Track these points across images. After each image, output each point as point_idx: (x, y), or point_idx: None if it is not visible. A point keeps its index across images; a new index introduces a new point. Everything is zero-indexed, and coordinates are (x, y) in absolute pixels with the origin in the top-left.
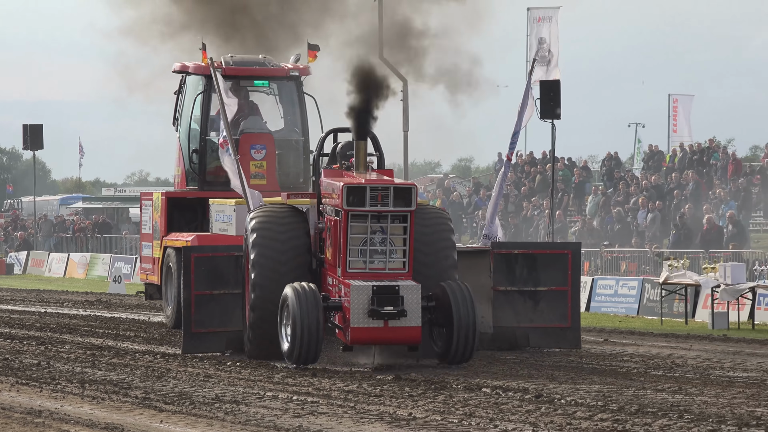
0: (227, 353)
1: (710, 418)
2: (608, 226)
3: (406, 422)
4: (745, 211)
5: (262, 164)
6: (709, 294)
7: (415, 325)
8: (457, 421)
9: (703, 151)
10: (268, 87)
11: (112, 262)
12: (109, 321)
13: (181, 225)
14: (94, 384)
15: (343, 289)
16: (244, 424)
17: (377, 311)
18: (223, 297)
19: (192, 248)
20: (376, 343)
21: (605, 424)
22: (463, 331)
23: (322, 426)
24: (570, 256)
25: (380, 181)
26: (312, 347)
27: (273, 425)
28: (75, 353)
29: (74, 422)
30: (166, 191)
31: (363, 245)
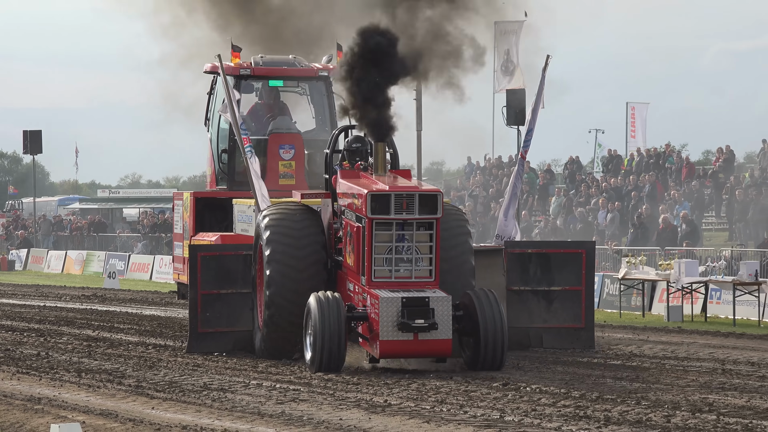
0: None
1: (666, 405)
2: (570, 226)
3: (381, 408)
4: (698, 211)
5: (291, 164)
6: (665, 289)
7: (446, 337)
8: (429, 408)
9: (659, 155)
10: (298, 87)
11: (107, 259)
12: (104, 314)
13: (212, 225)
14: (89, 373)
15: (370, 300)
16: (230, 410)
17: (407, 324)
18: (231, 296)
19: (198, 247)
20: (406, 357)
21: (567, 410)
22: (491, 341)
23: (303, 412)
24: (584, 256)
25: (405, 188)
26: (334, 357)
27: (257, 411)
28: (72, 344)
29: (71, 409)
30: (195, 191)
31: (388, 253)
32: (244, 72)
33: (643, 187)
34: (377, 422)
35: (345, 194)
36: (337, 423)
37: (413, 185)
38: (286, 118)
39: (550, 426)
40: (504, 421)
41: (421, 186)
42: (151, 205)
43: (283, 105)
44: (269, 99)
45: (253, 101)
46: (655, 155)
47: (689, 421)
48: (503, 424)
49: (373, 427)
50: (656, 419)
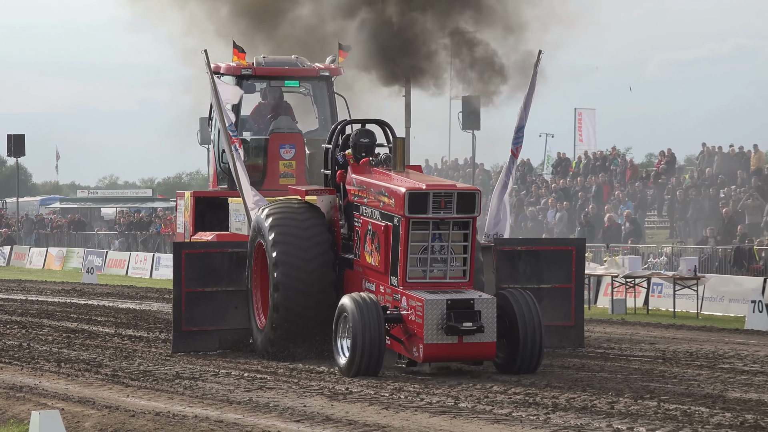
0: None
1: (610, 392)
2: (522, 224)
3: (343, 395)
4: (641, 210)
5: (291, 164)
6: (609, 283)
7: (491, 340)
8: (388, 395)
9: (605, 158)
10: (299, 87)
11: (86, 255)
12: (83, 307)
13: (213, 224)
14: (68, 363)
15: (407, 301)
16: (200, 398)
17: (455, 328)
18: (216, 294)
19: (182, 244)
20: (450, 360)
21: (518, 397)
22: (529, 343)
23: (270, 399)
24: (574, 253)
25: (443, 186)
26: (373, 362)
27: (226, 399)
28: (52, 336)
29: (51, 396)
30: (196, 191)
31: (422, 253)
32: (245, 72)
33: (590, 188)
34: (339, 409)
35: (364, 191)
36: (301, 409)
37: (450, 183)
38: (287, 118)
39: (501, 412)
40: (458, 407)
41: (457, 184)
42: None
43: (287, 105)
44: (272, 99)
45: (258, 101)
46: (601, 158)
47: (632, 408)
48: (457, 411)
49: (335, 414)
50: (601, 405)
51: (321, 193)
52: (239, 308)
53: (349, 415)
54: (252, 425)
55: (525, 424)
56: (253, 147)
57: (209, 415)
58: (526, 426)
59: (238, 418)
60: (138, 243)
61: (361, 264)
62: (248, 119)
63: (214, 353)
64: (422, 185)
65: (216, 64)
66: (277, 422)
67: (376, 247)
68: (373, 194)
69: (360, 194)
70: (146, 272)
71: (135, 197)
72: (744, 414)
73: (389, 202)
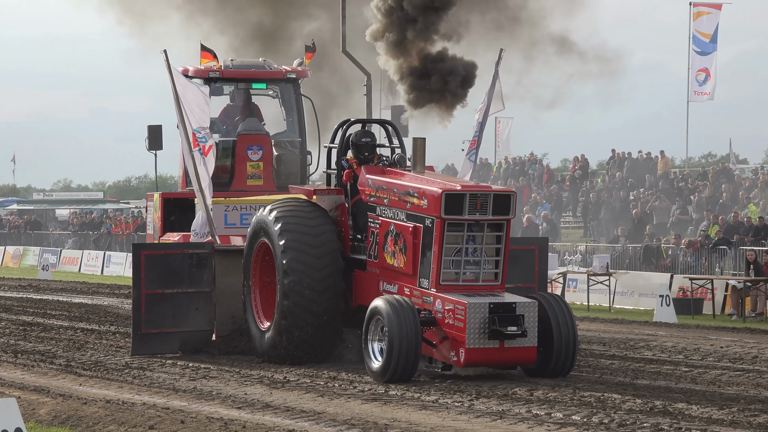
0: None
1: (529, 381)
2: None
3: (281, 384)
4: (557, 211)
5: (259, 165)
6: None
7: (532, 345)
8: (323, 384)
9: (523, 163)
10: (267, 89)
11: (41, 253)
12: (38, 302)
13: (183, 225)
14: (24, 354)
15: (444, 304)
16: (148, 386)
17: (499, 332)
18: (176, 296)
19: (141, 245)
20: (491, 365)
21: (444, 385)
22: (563, 348)
23: (213, 388)
24: (537, 252)
25: (479, 187)
26: (409, 366)
27: (172, 387)
28: (9, 328)
29: (8, 385)
30: (164, 192)
31: (455, 256)
32: (213, 74)
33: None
34: (277, 396)
35: (384, 191)
36: (242, 397)
37: (485, 185)
38: (254, 120)
39: (428, 399)
40: (388, 395)
41: (493, 186)
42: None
43: (255, 107)
44: (240, 101)
45: (226, 103)
46: (519, 163)
47: (549, 395)
48: (387, 398)
49: (274, 401)
50: (521, 393)
51: (329, 193)
52: (200, 310)
53: (287, 402)
54: (196, 412)
55: (451, 410)
56: (221, 149)
57: (156, 402)
58: (451, 412)
59: (184, 405)
60: (90, 242)
61: (379, 265)
62: (216, 121)
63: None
64: (457, 186)
65: (184, 66)
66: (220, 409)
67: (401, 248)
68: (396, 195)
69: (378, 195)
70: (98, 269)
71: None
72: (653, 400)
73: (420, 203)
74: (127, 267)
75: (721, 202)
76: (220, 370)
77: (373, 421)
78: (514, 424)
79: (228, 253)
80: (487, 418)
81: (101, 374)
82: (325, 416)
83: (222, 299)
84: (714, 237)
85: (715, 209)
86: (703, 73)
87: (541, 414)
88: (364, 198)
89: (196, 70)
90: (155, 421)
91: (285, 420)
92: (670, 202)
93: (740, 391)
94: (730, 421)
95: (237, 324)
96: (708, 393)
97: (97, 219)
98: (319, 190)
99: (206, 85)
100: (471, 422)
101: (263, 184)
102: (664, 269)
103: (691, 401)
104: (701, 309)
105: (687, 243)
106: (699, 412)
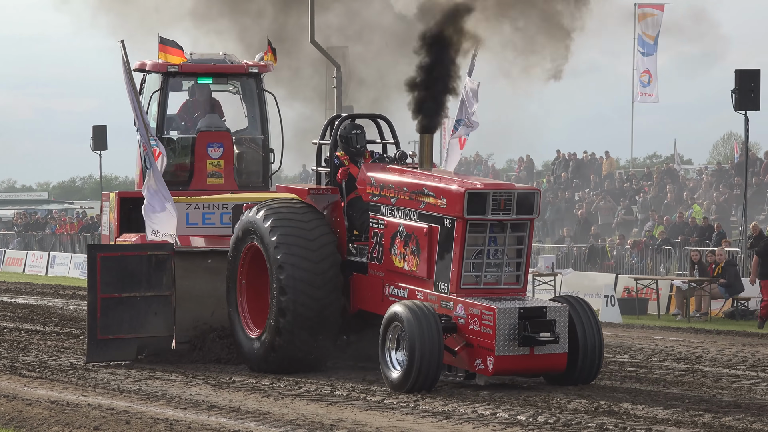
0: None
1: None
2: None
3: (227, 384)
4: None
5: (219, 163)
6: None
7: (563, 351)
8: (268, 384)
9: (469, 163)
10: (228, 84)
11: None
12: None
13: (140, 226)
14: None
15: (467, 309)
16: (93, 387)
17: (532, 338)
18: (134, 300)
19: (97, 246)
20: (520, 373)
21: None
22: (589, 354)
23: (158, 388)
24: None
25: (501, 185)
26: (431, 375)
27: (117, 388)
28: None
29: None
30: (121, 191)
31: (476, 258)
32: (171, 69)
33: None
34: (223, 397)
35: (389, 190)
36: (187, 398)
37: (508, 183)
38: (215, 116)
39: (374, 399)
40: (334, 395)
41: (516, 184)
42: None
43: (215, 102)
44: (200, 97)
45: (185, 99)
46: (465, 164)
47: (495, 394)
48: (333, 398)
49: (219, 401)
50: (466, 393)
51: (323, 192)
52: (159, 314)
53: (233, 402)
54: (141, 412)
55: (396, 410)
56: (181, 146)
57: (101, 403)
58: (397, 412)
59: (129, 406)
60: (34, 242)
61: (385, 268)
62: (175, 118)
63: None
64: (478, 184)
65: (142, 60)
66: (165, 410)
67: (413, 250)
68: (407, 194)
69: (383, 194)
70: (42, 270)
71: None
72: (598, 400)
73: (437, 202)
74: (72, 268)
75: (666, 202)
76: (165, 371)
77: (319, 422)
78: (460, 424)
79: (188, 254)
80: (432, 418)
81: (46, 375)
82: (270, 417)
83: (182, 303)
84: (658, 237)
85: (660, 210)
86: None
87: (486, 414)
88: (365, 197)
89: (154, 65)
90: (100, 421)
91: (230, 420)
92: (614, 202)
93: (685, 391)
94: (674, 420)
95: (198, 330)
96: (653, 393)
97: (42, 220)
98: (313, 189)
99: (165, 80)
100: (417, 422)
101: (224, 183)
102: (609, 269)
103: (636, 401)
104: (646, 309)
105: (632, 243)
106: (644, 411)
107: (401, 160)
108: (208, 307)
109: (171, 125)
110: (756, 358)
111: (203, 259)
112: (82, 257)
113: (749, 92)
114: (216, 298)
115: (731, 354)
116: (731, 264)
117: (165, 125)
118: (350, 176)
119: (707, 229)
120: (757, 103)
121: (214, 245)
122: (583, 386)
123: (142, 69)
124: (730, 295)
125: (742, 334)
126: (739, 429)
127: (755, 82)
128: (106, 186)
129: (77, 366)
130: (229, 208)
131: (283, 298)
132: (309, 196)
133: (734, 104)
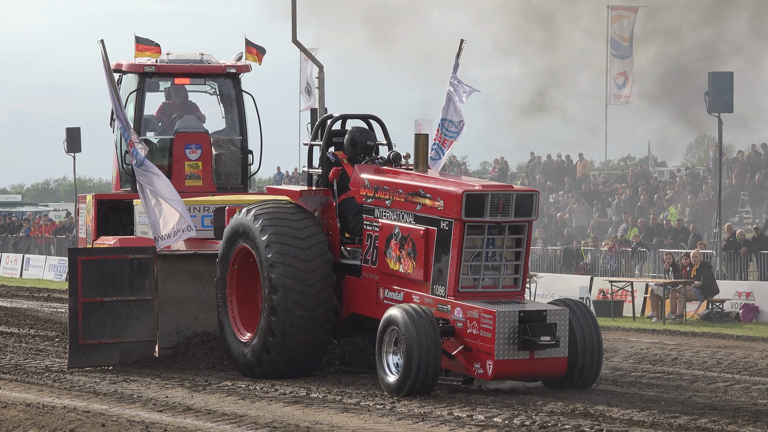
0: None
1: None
2: None
3: (203, 387)
4: None
5: (198, 164)
6: None
7: (563, 355)
8: (245, 386)
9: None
10: (205, 84)
11: None
12: None
13: (117, 229)
14: None
15: (466, 313)
16: (68, 390)
17: (532, 342)
18: (116, 304)
19: (78, 250)
20: (519, 378)
21: (365, 388)
22: (588, 358)
23: (134, 391)
24: None
25: (500, 187)
26: (428, 381)
27: (93, 390)
28: None
29: None
30: (98, 194)
31: (473, 261)
32: (148, 69)
33: None
34: (199, 399)
35: (384, 192)
36: (163, 400)
37: (506, 184)
38: (192, 117)
39: (350, 401)
40: (310, 397)
41: (514, 185)
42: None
43: (192, 104)
44: (177, 98)
45: (162, 100)
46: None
47: (471, 397)
48: (309, 400)
49: (195, 404)
50: (442, 395)
51: (315, 194)
52: (141, 319)
53: (209, 405)
54: (117, 415)
55: (372, 412)
56: (158, 148)
57: (77, 405)
58: (373, 414)
59: (104, 409)
60: (9, 245)
61: (379, 271)
62: (152, 119)
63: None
64: (476, 186)
65: (118, 61)
66: (141, 412)
67: (409, 253)
68: (402, 195)
69: (378, 196)
70: (17, 272)
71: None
72: (574, 402)
73: (434, 204)
74: (46, 270)
75: (640, 204)
76: (141, 374)
77: (295, 424)
78: (436, 427)
79: (171, 258)
80: (408, 420)
81: (21, 377)
82: (246, 419)
83: (165, 308)
84: (632, 240)
85: (634, 212)
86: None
87: (462, 416)
88: (359, 199)
89: (130, 65)
90: (76, 424)
91: (206, 423)
92: (588, 204)
93: (660, 393)
94: (650, 422)
95: (182, 335)
96: (629, 395)
97: (16, 222)
98: (305, 191)
99: (141, 81)
100: (393, 424)
101: (202, 185)
102: (584, 271)
103: (612, 403)
104: (621, 311)
105: (608, 246)
106: (620, 413)
107: (395, 162)
108: (191, 311)
109: (148, 126)
110: (731, 360)
111: (186, 263)
112: (56, 259)
113: (722, 95)
114: (199, 302)
115: (706, 356)
116: (706, 266)
117: (142, 126)
118: (342, 177)
119: (682, 231)
120: (730, 105)
121: (196, 248)
122: (558, 389)
123: (119, 70)
124: (705, 297)
125: (718, 336)
126: (715, 430)
127: (728, 85)
128: (80, 188)
129: (53, 368)
130: (210, 210)
131: (275, 297)
132: (301, 198)
133: (708, 106)
